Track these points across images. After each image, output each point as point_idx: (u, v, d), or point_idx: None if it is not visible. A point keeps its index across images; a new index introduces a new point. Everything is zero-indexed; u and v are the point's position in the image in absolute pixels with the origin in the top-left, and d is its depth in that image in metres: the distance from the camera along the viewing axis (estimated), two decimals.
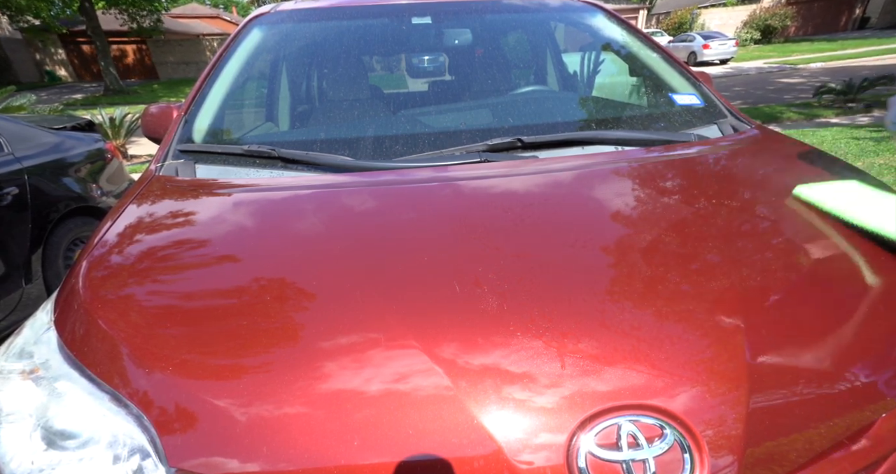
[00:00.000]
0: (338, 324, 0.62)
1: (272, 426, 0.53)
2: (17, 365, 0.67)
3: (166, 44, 24.52)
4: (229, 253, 0.79)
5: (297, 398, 0.55)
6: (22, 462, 0.56)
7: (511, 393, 0.54)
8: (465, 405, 0.53)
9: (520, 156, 1.04)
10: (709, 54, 16.90)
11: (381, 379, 0.56)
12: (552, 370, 0.56)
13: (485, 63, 1.53)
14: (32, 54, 22.21)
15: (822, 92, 6.88)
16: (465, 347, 0.59)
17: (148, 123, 1.35)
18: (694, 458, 0.51)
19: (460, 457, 0.51)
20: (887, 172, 3.53)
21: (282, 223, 0.86)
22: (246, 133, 1.37)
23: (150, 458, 0.53)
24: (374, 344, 0.60)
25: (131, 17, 16.83)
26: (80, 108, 11.13)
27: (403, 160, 1.03)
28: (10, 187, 1.99)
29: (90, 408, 0.58)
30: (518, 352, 0.58)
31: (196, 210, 0.92)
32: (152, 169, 1.11)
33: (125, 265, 0.78)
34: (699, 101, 1.27)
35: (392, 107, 1.36)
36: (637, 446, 0.51)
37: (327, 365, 0.58)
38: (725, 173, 0.98)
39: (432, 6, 1.53)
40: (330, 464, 0.51)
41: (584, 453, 0.51)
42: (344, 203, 0.89)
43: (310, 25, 1.51)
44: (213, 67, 1.35)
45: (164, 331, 0.64)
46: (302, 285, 0.70)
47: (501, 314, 0.62)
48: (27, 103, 6.42)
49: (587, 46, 1.74)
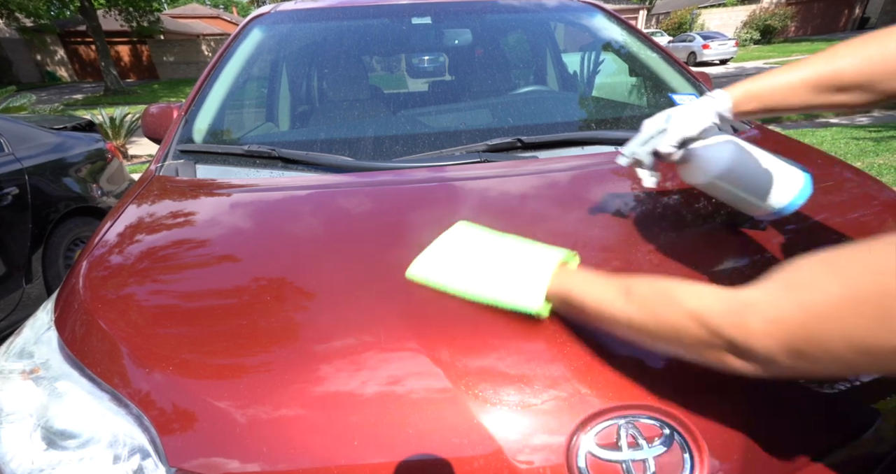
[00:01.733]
0: (338, 324, 0.62)
1: (272, 426, 0.53)
2: (18, 365, 0.67)
3: (166, 44, 24.53)
4: (230, 253, 0.79)
5: (297, 398, 0.55)
6: (22, 462, 0.56)
7: (511, 393, 0.54)
8: (465, 405, 0.53)
9: (520, 156, 1.04)
10: (708, 54, 16.88)
11: (381, 380, 0.56)
12: (552, 370, 0.56)
13: (485, 63, 1.53)
14: (33, 54, 22.22)
15: None
16: (465, 347, 0.59)
17: (148, 123, 1.35)
18: (694, 458, 0.51)
19: (460, 457, 0.51)
20: (887, 172, 3.53)
21: (282, 223, 0.86)
22: (246, 133, 1.37)
23: (150, 458, 0.53)
24: (375, 344, 0.60)
25: (128, 18, 16.82)
26: (81, 108, 11.13)
27: (403, 160, 1.03)
28: (10, 187, 1.99)
29: (90, 408, 0.58)
30: (518, 352, 0.58)
31: (196, 210, 0.92)
32: (152, 169, 1.11)
33: (125, 265, 0.78)
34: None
35: (392, 107, 1.36)
36: (637, 446, 0.51)
37: (327, 365, 0.58)
38: None
39: (432, 6, 1.53)
40: (330, 464, 0.51)
41: (584, 453, 0.51)
42: (344, 203, 0.89)
43: (310, 25, 1.51)
44: (213, 67, 1.35)
45: (165, 330, 0.64)
46: (302, 285, 0.70)
47: (502, 314, 0.62)
48: (27, 103, 6.42)
49: (587, 46, 1.74)
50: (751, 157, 0.69)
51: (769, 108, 0.63)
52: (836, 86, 0.58)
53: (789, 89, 0.61)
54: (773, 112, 0.65)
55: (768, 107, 0.63)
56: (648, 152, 0.70)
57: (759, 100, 0.64)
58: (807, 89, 0.60)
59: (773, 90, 0.62)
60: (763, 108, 0.64)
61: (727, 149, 0.68)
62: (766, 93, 0.63)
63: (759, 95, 0.64)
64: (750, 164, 0.68)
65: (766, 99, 0.63)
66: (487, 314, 0.62)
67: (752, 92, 0.64)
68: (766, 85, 0.63)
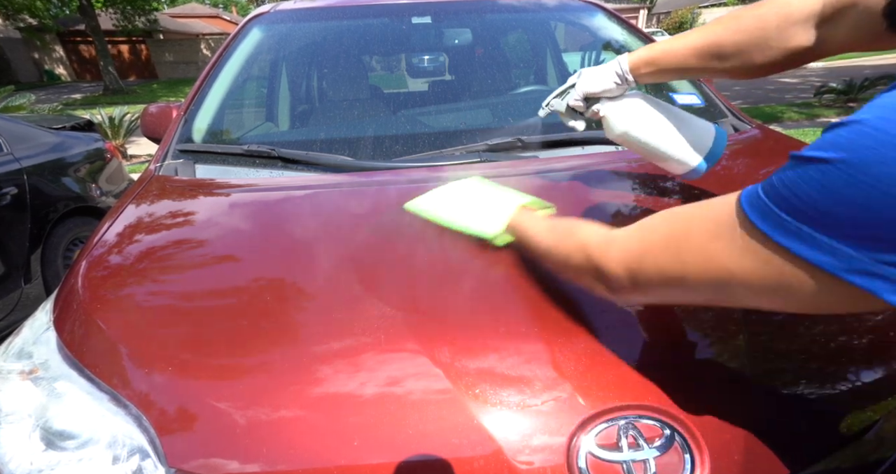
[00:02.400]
0: (338, 325, 0.62)
1: (272, 426, 0.53)
2: (17, 366, 0.67)
3: (165, 43, 24.49)
4: (229, 253, 0.79)
5: (297, 398, 0.55)
6: (21, 462, 0.56)
7: (511, 393, 0.54)
8: (465, 405, 0.53)
9: (520, 155, 1.04)
10: None
11: (381, 380, 0.56)
12: (552, 370, 0.56)
13: (485, 63, 1.53)
14: (31, 54, 22.18)
15: (823, 91, 6.87)
16: (465, 348, 0.58)
17: (147, 123, 1.34)
18: (695, 459, 0.51)
19: (460, 458, 0.51)
20: None
21: (282, 223, 0.86)
22: (245, 133, 1.37)
23: (149, 459, 0.53)
24: (375, 344, 0.59)
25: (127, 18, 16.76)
26: (80, 108, 11.10)
27: (403, 160, 1.03)
28: (9, 187, 1.99)
29: (89, 409, 0.58)
30: (518, 352, 0.58)
31: (195, 210, 0.92)
32: (152, 169, 1.11)
33: (125, 265, 0.78)
34: (699, 100, 1.26)
35: (392, 106, 1.36)
36: (637, 447, 0.51)
37: (327, 366, 0.58)
38: (726, 173, 0.98)
39: (432, 6, 1.52)
40: (330, 465, 0.51)
41: (585, 453, 0.51)
42: (344, 203, 0.89)
43: (309, 25, 1.51)
44: (212, 67, 1.34)
45: (164, 331, 0.64)
46: (302, 285, 0.70)
47: (502, 314, 0.62)
48: (26, 103, 6.41)
49: (587, 46, 1.74)
50: (659, 114, 0.73)
51: (663, 69, 0.69)
52: (717, 54, 0.63)
53: (680, 55, 0.66)
54: (668, 75, 0.70)
55: (661, 69, 0.69)
56: (566, 106, 0.78)
57: (655, 63, 0.69)
58: (694, 55, 0.65)
59: (666, 54, 0.68)
60: (658, 71, 0.69)
61: (632, 105, 0.73)
62: (661, 57, 0.68)
63: (654, 59, 0.69)
64: (659, 120, 0.72)
65: (660, 62, 0.68)
66: (487, 314, 0.62)
67: (649, 56, 0.69)
68: (660, 49, 0.69)
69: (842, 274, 0.31)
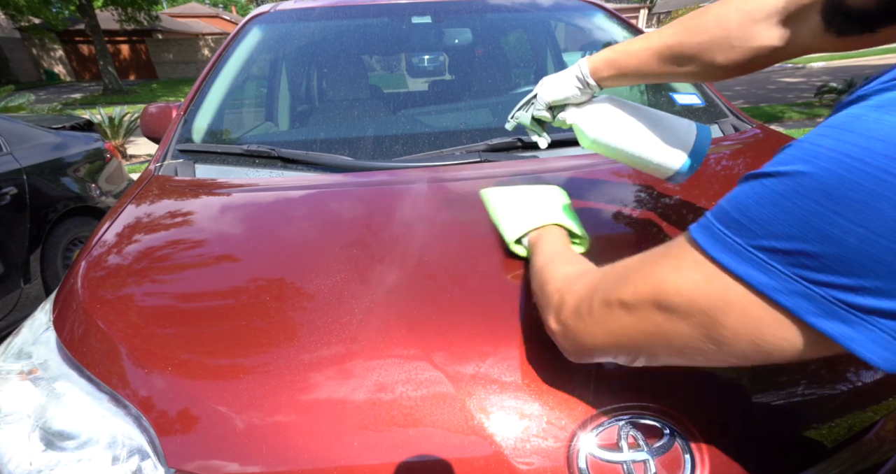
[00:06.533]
0: (338, 325, 0.62)
1: (272, 427, 0.53)
2: (16, 366, 0.67)
3: (165, 43, 24.47)
4: (229, 253, 0.79)
5: (297, 399, 0.55)
6: (20, 462, 0.56)
7: (511, 394, 0.54)
8: (465, 406, 0.53)
9: (520, 155, 1.04)
10: None
11: (381, 381, 0.56)
12: (552, 371, 0.55)
13: (485, 62, 1.52)
14: (31, 53, 22.18)
15: (824, 91, 6.87)
16: (466, 349, 0.58)
17: (147, 123, 1.34)
18: (695, 459, 0.51)
19: (461, 458, 0.51)
20: None
21: (281, 223, 0.86)
22: (245, 133, 1.36)
23: (149, 459, 0.53)
24: (375, 345, 0.59)
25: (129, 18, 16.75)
26: (79, 108, 11.08)
27: (403, 160, 1.03)
28: (8, 187, 1.99)
29: (89, 409, 0.58)
30: (519, 353, 0.58)
31: (195, 210, 0.92)
32: (151, 169, 1.11)
33: (124, 265, 0.78)
34: (700, 100, 1.27)
35: (392, 106, 1.36)
36: (638, 447, 0.51)
37: (327, 366, 0.58)
38: (726, 173, 0.98)
39: (432, 5, 1.52)
40: (330, 465, 0.51)
41: (585, 454, 0.50)
42: (344, 203, 0.89)
43: (309, 25, 1.51)
44: (212, 67, 1.34)
45: (164, 331, 0.64)
46: (302, 286, 0.70)
47: (503, 315, 0.62)
48: (26, 103, 6.41)
49: (588, 46, 1.73)
50: (630, 117, 0.69)
51: (624, 74, 0.65)
52: (677, 54, 0.60)
53: (641, 58, 0.63)
54: (630, 79, 0.66)
55: (623, 73, 0.65)
56: (531, 118, 0.75)
57: (615, 66, 0.65)
58: (655, 59, 0.62)
59: (628, 58, 0.64)
60: (619, 74, 0.65)
61: (600, 110, 0.69)
62: (622, 60, 0.64)
63: (615, 62, 0.65)
64: (631, 124, 0.68)
65: (621, 66, 0.65)
66: (488, 315, 0.62)
67: (609, 59, 0.66)
68: (621, 52, 0.65)
69: (773, 294, 0.29)
